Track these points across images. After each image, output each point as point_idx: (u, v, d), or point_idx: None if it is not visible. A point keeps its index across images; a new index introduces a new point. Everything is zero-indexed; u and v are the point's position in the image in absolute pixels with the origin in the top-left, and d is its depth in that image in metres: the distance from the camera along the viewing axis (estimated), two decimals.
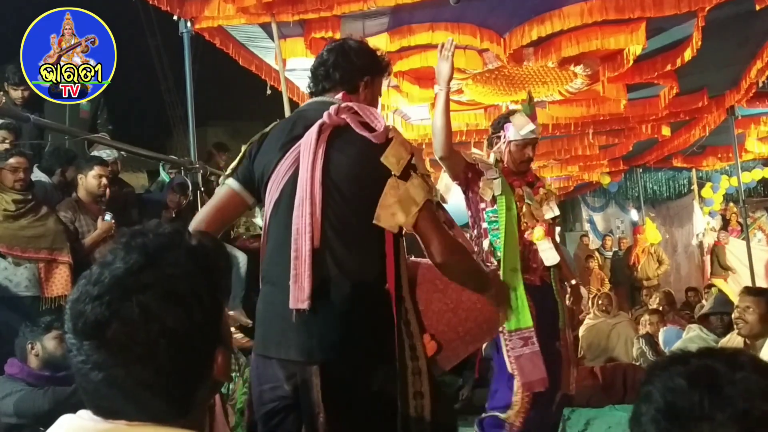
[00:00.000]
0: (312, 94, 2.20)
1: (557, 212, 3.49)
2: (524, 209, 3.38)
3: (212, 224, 2.10)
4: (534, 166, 3.69)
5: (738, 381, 0.92)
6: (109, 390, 0.96)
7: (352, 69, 2.13)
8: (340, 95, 2.09)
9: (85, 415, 1.00)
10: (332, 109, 1.98)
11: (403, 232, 2.01)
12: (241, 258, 5.09)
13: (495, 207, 3.34)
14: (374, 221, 1.92)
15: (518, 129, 3.43)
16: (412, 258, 2.18)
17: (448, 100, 3.14)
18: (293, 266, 1.88)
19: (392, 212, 1.92)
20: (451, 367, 2.27)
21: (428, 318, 2.08)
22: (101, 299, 0.95)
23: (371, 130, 1.96)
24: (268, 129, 2.15)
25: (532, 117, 3.48)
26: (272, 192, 2.01)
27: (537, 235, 3.36)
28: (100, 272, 0.98)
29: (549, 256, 3.37)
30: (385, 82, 2.30)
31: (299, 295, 1.86)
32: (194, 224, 2.11)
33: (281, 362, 1.92)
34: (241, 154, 2.14)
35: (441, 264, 2.01)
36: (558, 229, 3.68)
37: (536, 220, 3.40)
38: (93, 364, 0.95)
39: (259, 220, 2.32)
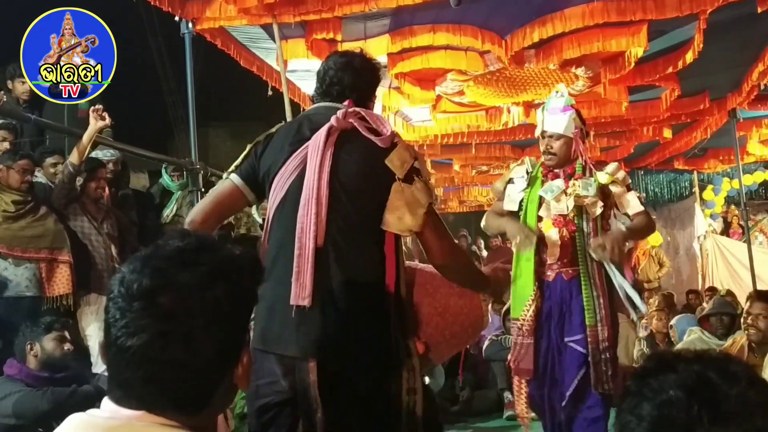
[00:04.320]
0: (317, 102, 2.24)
1: (567, 207, 3.30)
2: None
3: (210, 216, 2.15)
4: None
5: (735, 396, 0.89)
6: (139, 366, 0.99)
7: (367, 89, 2.20)
8: (347, 102, 2.13)
9: (95, 413, 1.02)
10: (340, 113, 2.04)
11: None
12: None
13: None
14: (383, 227, 1.97)
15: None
16: (408, 262, 2.24)
17: None
18: (296, 263, 1.92)
19: (399, 216, 1.97)
20: (434, 367, 2.39)
21: (417, 320, 2.17)
22: (157, 268, 1.02)
23: (377, 134, 2.02)
24: (273, 130, 2.20)
25: (552, 110, 3.45)
26: (277, 190, 2.05)
27: (544, 227, 3.34)
28: (156, 248, 1.06)
29: (552, 250, 3.31)
30: (385, 86, 2.34)
31: (300, 292, 1.90)
32: (192, 215, 2.17)
33: (279, 357, 1.96)
34: (245, 152, 2.18)
35: (441, 265, 2.11)
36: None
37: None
38: (136, 327, 0.99)
39: (255, 214, 2.36)
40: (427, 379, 5.39)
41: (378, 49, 5.58)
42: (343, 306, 1.93)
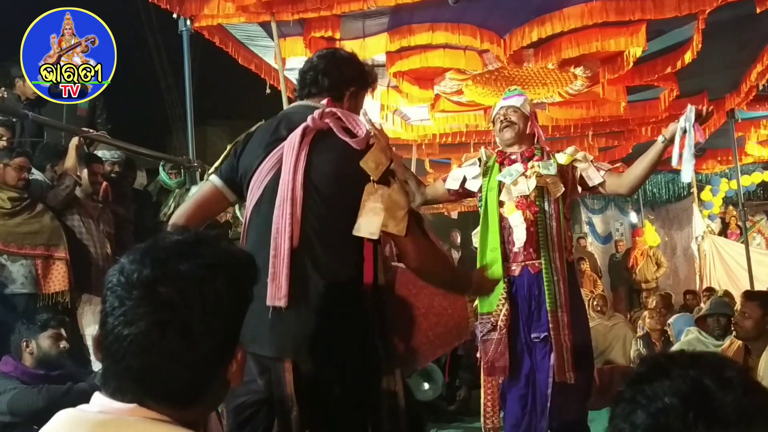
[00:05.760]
0: (297, 98, 2.25)
1: (528, 187, 3.21)
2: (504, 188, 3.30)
3: (192, 219, 2.16)
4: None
5: (731, 403, 0.87)
6: (135, 356, 0.99)
7: (341, 78, 2.18)
8: (325, 101, 2.12)
9: (85, 407, 1.03)
10: (316, 113, 2.02)
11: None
12: None
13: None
14: (354, 233, 1.94)
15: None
16: (393, 262, 2.22)
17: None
18: (271, 264, 1.91)
19: (376, 219, 1.93)
20: (419, 369, 2.34)
21: (400, 321, 2.14)
22: (157, 259, 1.03)
23: (353, 135, 2.00)
24: (252, 129, 2.19)
25: (506, 98, 3.47)
26: (254, 191, 2.05)
27: (507, 210, 3.26)
28: (155, 241, 1.08)
29: (517, 233, 3.23)
30: (383, 85, 2.33)
31: (276, 292, 1.90)
32: (175, 218, 2.18)
33: (255, 357, 1.95)
34: (226, 152, 2.19)
35: (416, 269, 2.08)
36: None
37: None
38: (134, 315, 0.99)
39: (239, 213, 2.37)
40: (426, 385, 5.40)
41: (376, 47, 5.58)
42: (318, 306, 1.92)
